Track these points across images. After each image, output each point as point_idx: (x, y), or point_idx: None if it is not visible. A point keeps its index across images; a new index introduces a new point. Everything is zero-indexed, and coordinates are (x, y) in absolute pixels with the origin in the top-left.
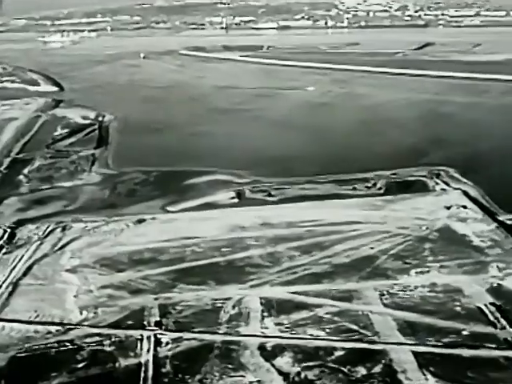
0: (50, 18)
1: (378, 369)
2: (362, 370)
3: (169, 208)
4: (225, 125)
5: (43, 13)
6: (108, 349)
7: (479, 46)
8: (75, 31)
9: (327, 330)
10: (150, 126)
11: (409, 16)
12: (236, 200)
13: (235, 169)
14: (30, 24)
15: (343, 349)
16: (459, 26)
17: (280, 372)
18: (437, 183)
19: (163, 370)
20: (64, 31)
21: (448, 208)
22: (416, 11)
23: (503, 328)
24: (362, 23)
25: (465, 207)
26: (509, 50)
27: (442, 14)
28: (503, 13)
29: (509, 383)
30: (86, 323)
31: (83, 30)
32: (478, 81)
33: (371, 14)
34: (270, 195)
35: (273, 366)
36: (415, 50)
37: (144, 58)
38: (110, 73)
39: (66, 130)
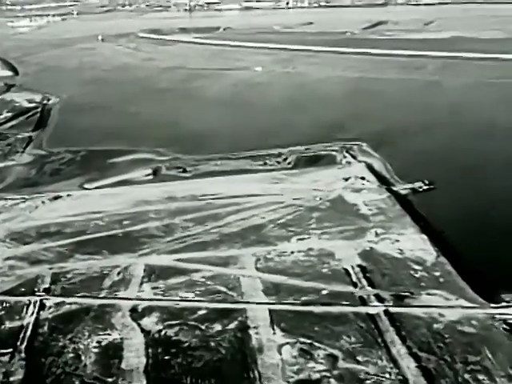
0: (21, 3)
1: (232, 325)
2: (217, 327)
3: (86, 185)
4: (160, 105)
5: None
6: None
7: (431, 23)
8: (42, 16)
9: (197, 292)
10: (90, 107)
11: None
12: (151, 177)
13: (159, 147)
14: (1, 9)
15: (206, 308)
16: (418, 4)
17: (143, 330)
18: (345, 157)
19: (40, 331)
20: (32, 16)
21: (346, 180)
22: None
23: (362, 287)
24: (322, 3)
25: (363, 178)
26: (458, 28)
27: None
28: None
29: (351, 336)
30: None
31: (50, 15)
32: (416, 58)
33: None
34: (184, 171)
35: (138, 325)
36: (365, 29)
37: (102, 40)
38: (64, 56)
39: (9, 114)
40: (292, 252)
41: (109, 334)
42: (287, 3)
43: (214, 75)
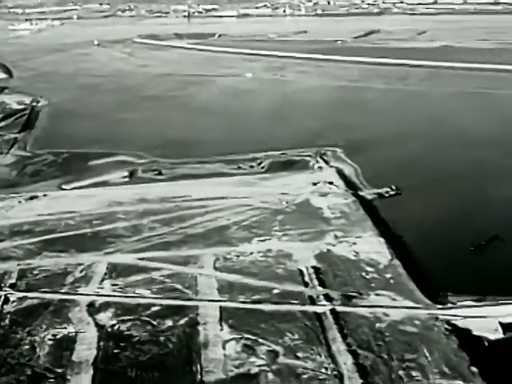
0: (22, 6)
1: (182, 321)
2: (168, 323)
3: (64, 186)
4: (147, 111)
5: (17, 1)
6: None
7: (424, 33)
8: (43, 19)
9: (154, 290)
10: (78, 112)
11: (368, 4)
12: (127, 179)
13: (140, 151)
14: (3, 12)
15: (161, 305)
16: (414, 14)
17: (97, 324)
18: (317, 162)
19: (2, 324)
20: (32, 20)
21: (315, 184)
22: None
23: (313, 287)
24: (319, 11)
25: (331, 183)
26: (449, 37)
27: (401, 2)
28: (460, 1)
29: (295, 333)
30: None
31: (51, 19)
32: (403, 67)
33: (332, 2)
34: (159, 174)
35: (94, 319)
36: (357, 37)
37: (98, 45)
38: (60, 61)
39: None
40: (251, 253)
41: (65, 328)
42: (284, 11)
43: (204, 82)
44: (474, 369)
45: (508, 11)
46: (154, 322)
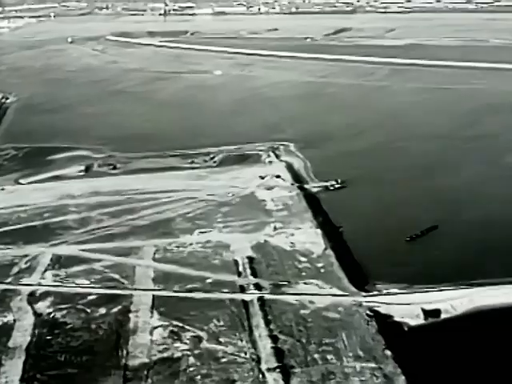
0: (3, 4)
1: (115, 309)
2: (102, 310)
3: (21, 180)
4: (111, 106)
5: None
6: None
7: (393, 31)
8: (21, 17)
9: (93, 280)
10: (45, 107)
11: (342, 3)
12: (83, 173)
13: (99, 145)
14: None
15: (97, 294)
16: (386, 12)
17: (35, 313)
18: (269, 156)
19: None
20: (11, 17)
21: (262, 178)
22: None
23: (245, 276)
24: (293, 9)
25: (278, 177)
26: (416, 35)
27: (375, 1)
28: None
29: (221, 320)
30: None
31: (28, 17)
32: (368, 64)
33: (307, 0)
34: (114, 168)
35: (32, 308)
36: (327, 35)
37: (71, 42)
38: (34, 57)
39: None
40: (191, 244)
41: (4, 316)
42: (259, 9)
43: (171, 78)
44: (387, 352)
45: (480, 9)
46: (88, 310)
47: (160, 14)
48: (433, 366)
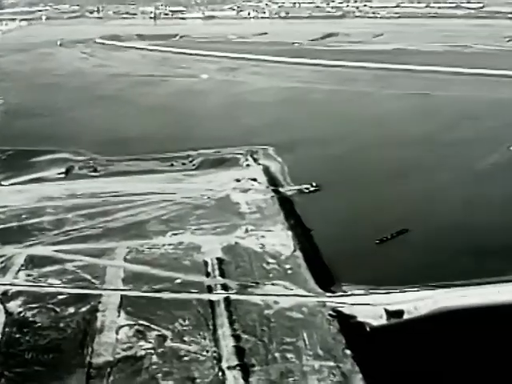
0: (2, 6)
1: (84, 308)
2: (71, 310)
3: (2, 182)
4: (97, 110)
5: None
6: None
7: (381, 36)
8: (12, 20)
9: (64, 280)
10: (31, 111)
11: (332, 7)
12: (63, 175)
13: (81, 148)
14: None
15: (68, 294)
16: (375, 17)
17: (7, 312)
18: (247, 160)
19: None
20: (2, 20)
21: (238, 181)
22: (340, 2)
23: (214, 277)
24: (282, 14)
25: (254, 180)
26: (404, 40)
27: (364, 5)
28: (423, 5)
29: (186, 319)
30: None
31: (19, 20)
32: (353, 69)
33: (297, 5)
34: (95, 171)
35: (4, 307)
36: (313, 40)
37: (61, 45)
38: (23, 61)
39: None
40: (163, 245)
41: None
42: (249, 14)
43: (157, 82)
44: (347, 351)
45: (468, 15)
46: (58, 309)
47: (151, 18)
48: (391, 365)
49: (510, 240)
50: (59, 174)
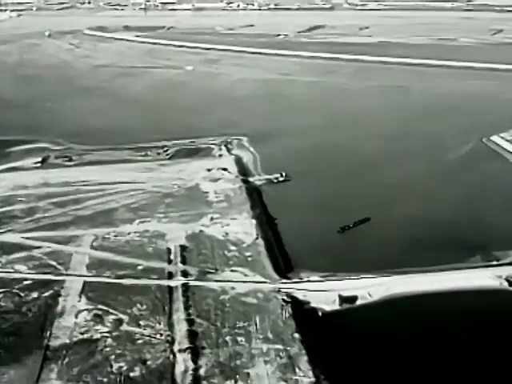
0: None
1: (47, 293)
2: (34, 295)
3: None
4: (77, 100)
5: None
6: None
7: (366, 28)
8: (3, 11)
9: (30, 266)
10: (12, 102)
11: (320, 0)
12: (39, 164)
13: (59, 138)
14: None
15: (32, 279)
16: (363, 10)
17: None
18: (220, 150)
19: None
20: None
21: (209, 170)
22: None
23: (175, 264)
24: (272, 6)
25: (225, 170)
26: (389, 33)
27: None
28: None
29: (144, 304)
30: None
31: (9, 10)
32: (336, 61)
33: None
34: (70, 160)
35: None
36: (300, 32)
37: (49, 36)
38: (8, 52)
39: None
40: (129, 233)
41: None
42: (238, 5)
43: (139, 73)
44: (296, 335)
45: (456, 8)
46: (22, 294)
47: (141, 9)
48: (339, 349)
49: (465, 231)
50: (35, 163)
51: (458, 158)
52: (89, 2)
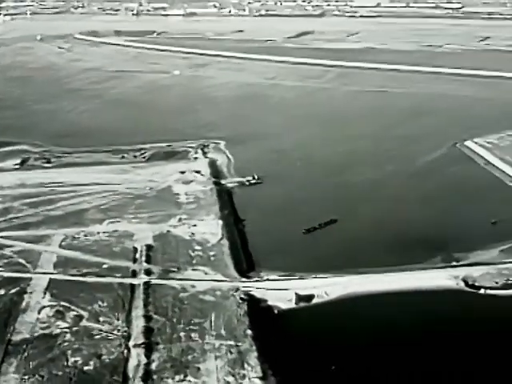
0: None
1: (13, 290)
2: (1, 291)
3: None
4: (64, 103)
5: None
6: None
7: (356, 34)
8: None
9: (0, 264)
10: (0, 104)
11: (312, 6)
12: (18, 166)
13: (40, 140)
14: None
15: (1, 276)
16: (354, 16)
17: None
18: (196, 153)
19: None
20: None
21: (182, 173)
22: (322, 1)
23: (140, 263)
24: (263, 12)
25: (198, 172)
26: (377, 39)
27: (345, 5)
28: (403, 4)
29: (105, 301)
30: None
31: (4, 14)
32: (321, 66)
33: (278, 3)
34: (48, 162)
35: None
36: (288, 38)
37: (41, 40)
38: (0, 55)
39: None
40: (98, 233)
41: None
42: (229, 11)
43: (126, 77)
44: (248, 332)
45: (446, 15)
46: None
47: (133, 14)
48: (290, 345)
49: (429, 233)
50: (15, 164)
51: (430, 161)
52: (83, 7)
